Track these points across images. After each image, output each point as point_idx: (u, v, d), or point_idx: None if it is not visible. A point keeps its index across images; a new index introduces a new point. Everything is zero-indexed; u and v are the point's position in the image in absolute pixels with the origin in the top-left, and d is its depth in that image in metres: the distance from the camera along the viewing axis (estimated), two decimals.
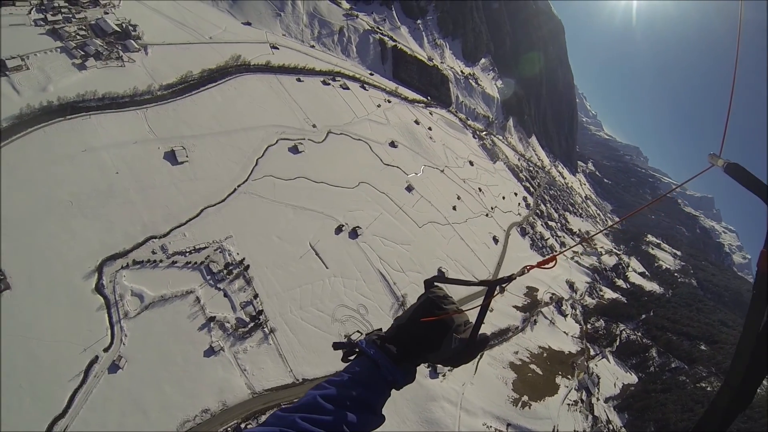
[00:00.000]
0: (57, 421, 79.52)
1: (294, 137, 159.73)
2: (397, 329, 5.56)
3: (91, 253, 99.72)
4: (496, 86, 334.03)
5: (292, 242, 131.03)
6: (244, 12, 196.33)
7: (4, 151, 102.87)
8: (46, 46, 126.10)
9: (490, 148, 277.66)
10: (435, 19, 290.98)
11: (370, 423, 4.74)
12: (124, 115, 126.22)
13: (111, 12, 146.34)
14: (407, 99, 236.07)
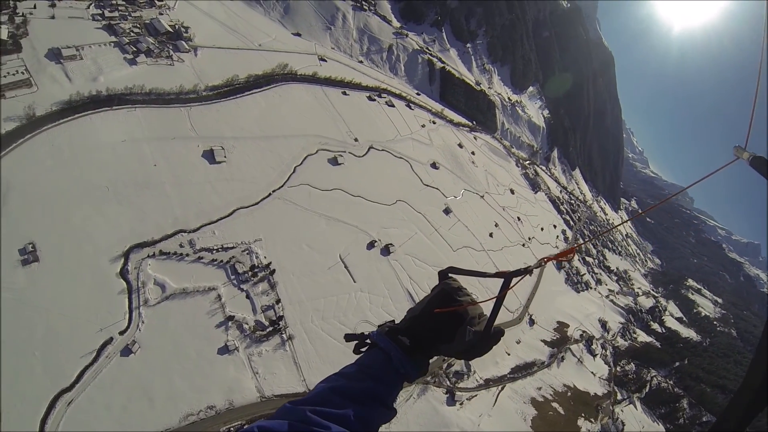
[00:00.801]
0: (63, 394, 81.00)
1: (335, 149, 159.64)
2: (410, 320, 5.37)
3: (121, 239, 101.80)
4: (542, 115, 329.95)
5: (321, 252, 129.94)
6: (295, 23, 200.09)
7: (52, 131, 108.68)
8: (101, 39, 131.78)
9: (533, 178, 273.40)
10: (485, 44, 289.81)
11: (381, 416, 4.61)
12: (167, 111, 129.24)
13: (165, 13, 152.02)
14: (452, 122, 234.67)
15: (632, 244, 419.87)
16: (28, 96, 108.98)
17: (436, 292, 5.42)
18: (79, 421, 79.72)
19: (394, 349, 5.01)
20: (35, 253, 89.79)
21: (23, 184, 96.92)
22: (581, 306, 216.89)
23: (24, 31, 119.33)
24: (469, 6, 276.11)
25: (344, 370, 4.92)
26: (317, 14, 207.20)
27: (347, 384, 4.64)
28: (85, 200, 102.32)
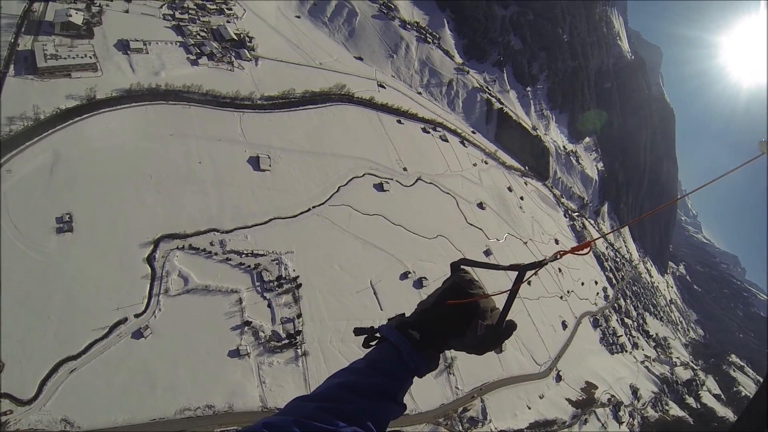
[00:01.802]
0: (68, 361, 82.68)
1: (382, 175, 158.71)
2: (420, 314, 5.20)
3: (154, 226, 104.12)
4: (596, 167, 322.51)
5: (353, 275, 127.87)
6: (358, 47, 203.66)
7: (108, 115, 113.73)
8: (168, 38, 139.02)
9: (580, 231, 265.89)
10: (545, 89, 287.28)
11: (390, 412, 4.59)
12: (220, 113, 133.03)
13: (233, 22, 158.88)
14: (505, 164, 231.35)
15: (675, 310, 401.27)
16: (92, 79, 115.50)
17: (447, 285, 5.20)
18: (78, 390, 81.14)
19: (404, 343, 4.84)
20: (71, 223, 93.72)
21: (72, 158, 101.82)
22: (613, 368, 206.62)
23: (98, 20, 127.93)
24: (532, 49, 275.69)
25: (353, 365, 4.82)
26: (381, 41, 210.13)
27: (356, 379, 4.53)
28: (127, 184, 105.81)
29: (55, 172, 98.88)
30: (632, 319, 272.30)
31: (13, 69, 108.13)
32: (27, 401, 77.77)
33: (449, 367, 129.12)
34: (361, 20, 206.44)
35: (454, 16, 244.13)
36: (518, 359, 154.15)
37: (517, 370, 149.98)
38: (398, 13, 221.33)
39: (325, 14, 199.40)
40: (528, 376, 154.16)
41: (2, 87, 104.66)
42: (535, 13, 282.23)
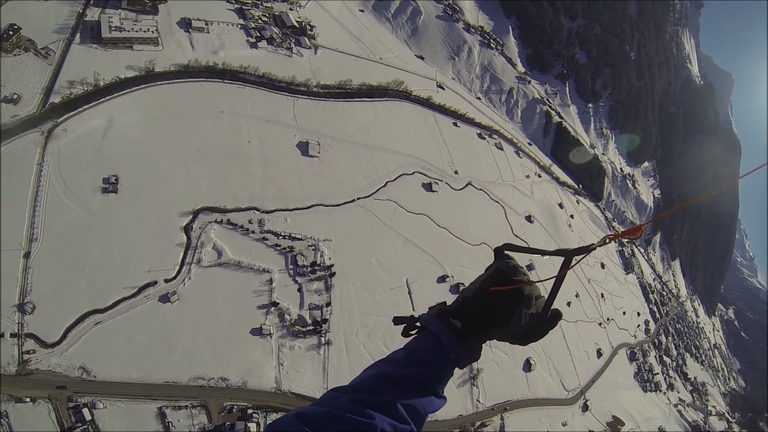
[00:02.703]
0: (95, 314, 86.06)
1: (432, 176, 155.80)
2: (462, 302, 4.99)
3: (195, 198, 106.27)
4: (653, 194, 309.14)
5: (389, 271, 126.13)
6: (420, 46, 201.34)
7: (164, 87, 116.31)
8: (230, 20, 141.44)
9: (628, 258, 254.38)
10: (607, 107, 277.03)
11: (429, 404, 4.39)
12: (274, 96, 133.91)
13: (296, 9, 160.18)
14: (558, 179, 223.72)
15: (718, 356, 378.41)
16: (152, 53, 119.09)
17: (491, 272, 4.97)
18: (100, 342, 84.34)
19: (445, 332, 4.64)
20: (116, 185, 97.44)
21: (126, 125, 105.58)
22: (644, 407, 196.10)
23: None
24: (597, 65, 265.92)
25: (392, 355, 4.68)
26: (444, 42, 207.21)
27: (394, 370, 4.39)
28: (175, 154, 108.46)
29: (107, 135, 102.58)
30: (671, 358, 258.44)
31: (80, 37, 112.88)
32: (50, 344, 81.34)
33: (473, 379, 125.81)
34: (425, 20, 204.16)
35: (519, 24, 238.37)
36: (546, 381, 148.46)
37: (543, 392, 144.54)
38: (463, 15, 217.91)
39: (389, 11, 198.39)
40: (554, 400, 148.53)
41: (68, 53, 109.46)
42: (602, 27, 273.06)
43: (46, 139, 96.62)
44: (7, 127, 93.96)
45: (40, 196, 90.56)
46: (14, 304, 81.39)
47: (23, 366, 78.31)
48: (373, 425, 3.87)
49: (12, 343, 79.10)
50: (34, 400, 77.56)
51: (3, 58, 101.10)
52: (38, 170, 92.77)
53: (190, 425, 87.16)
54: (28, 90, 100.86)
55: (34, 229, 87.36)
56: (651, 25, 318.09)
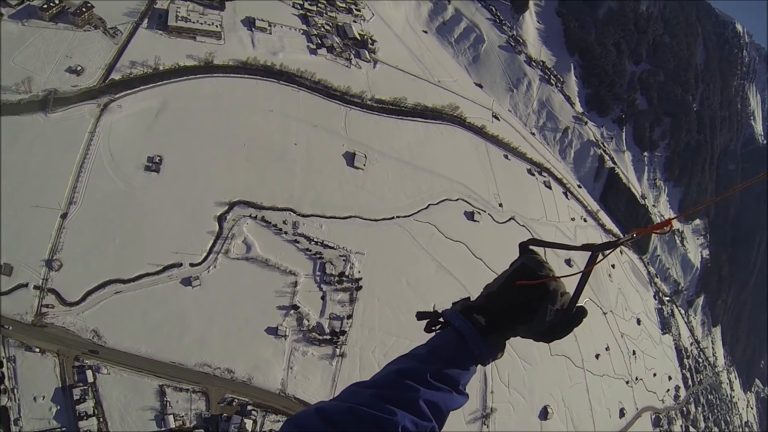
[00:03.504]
0: (117, 283, 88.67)
1: (476, 205, 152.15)
2: (486, 298, 4.89)
3: (233, 190, 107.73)
4: (701, 254, 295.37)
5: (418, 294, 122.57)
6: (480, 74, 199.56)
7: (220, 80, 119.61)
8: (293, 24, 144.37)
9: (666, 317, 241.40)
10: (663, 158, 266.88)
11: (451, 401, 4.28)
12: (327, 103, 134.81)
13: (359, 22, 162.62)
14: (604, 226, 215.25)
15: None
16: (213, 46, 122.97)
17: (516, 267, 4.81)
18: (116, 310, 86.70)
19: (469, 328, 4.53)
20: (159, 165, 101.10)
21: (177, 110, 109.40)
22: None
23: None
24: (657, 113, 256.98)
25: (414, 351, 4.55)
26: (504, 73, 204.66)
27: (417, 366, 4.26)
28: (221, 145, 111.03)
29: (159, 117, 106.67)
30: (698, 431, 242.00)
31: (147, 22, 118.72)
32: (69, 303, 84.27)
33: (485, 418, 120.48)
34: (487, 48, 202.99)
35: (582, 63, 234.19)
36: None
37: None
38: (526, 48, 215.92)
39: (453, 35, 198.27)
40: None
41: (134, 35, 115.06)
42: (666, 74, 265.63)
43: (101, 112, 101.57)
44: (67, 95, 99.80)
45: (87, 164, 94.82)
46: (43, 259, 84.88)
47: (39, 318, 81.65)
48: (395, 422, 3.71)
49: (33, 295, 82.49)
50: (43, 352, 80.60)
51: (74, 32, 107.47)
52: (89, 139, 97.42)
53: (188, 409, 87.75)
54: (91, 64, 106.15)
55: (75, 192, 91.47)
56: (717, 77, 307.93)
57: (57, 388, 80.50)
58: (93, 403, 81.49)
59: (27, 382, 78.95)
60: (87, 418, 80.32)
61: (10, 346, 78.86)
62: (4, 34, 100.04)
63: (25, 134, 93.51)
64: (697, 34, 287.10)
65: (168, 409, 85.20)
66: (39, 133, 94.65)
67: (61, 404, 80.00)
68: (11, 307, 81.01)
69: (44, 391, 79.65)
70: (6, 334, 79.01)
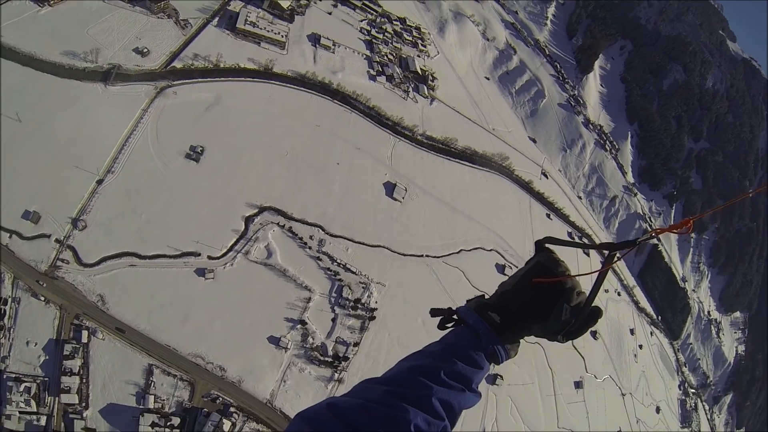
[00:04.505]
0: (133, 256, 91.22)
1: (509, 259, 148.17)
2: (501, 296, 4.81)
3: (267, 195, 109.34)
4: (736, 350, 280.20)
5: (431, 337, 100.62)
6: (536, 129, 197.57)
7: (275, 87, 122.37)
8: (357, 48, 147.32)
9: (688, 411, 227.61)
10: (711, 242, 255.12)
11: (464, 400, 4.18)
12: (377, 131, 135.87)
13: (423, 58, 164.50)
14: (638, 303, 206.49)
15: None
16: (275, 54, 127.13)
17: (532, 265, 4.75)
18: (126, 282, 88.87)
19: (483, 326, 4.46)
20: (200, 156, 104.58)
21: (229, 107, 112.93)
22: None
23: (302, 11, 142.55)
24: (711, 195, 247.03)
25: (427, 348, 4.46)
26: (560, 131, 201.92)
27: (430, 363, 4.18)
28: (264, 149, 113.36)
29: (210, 110, 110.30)
30: None
31: (217, 21, 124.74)
32: (84, 264, 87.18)
33: None
34: (547, 104, 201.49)
35: (640, 133, 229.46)
36: None
37: None
38: (585, 109, 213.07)
39: (514, 86, 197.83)
40: None
41: (203, 30, 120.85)
42: (725, 155, 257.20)
43: (156, 94, 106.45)
44: (129, 72, 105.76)
45: (132, 139, 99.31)
46: (70, 217, 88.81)
47: (52, 269, 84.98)
48: (407, 419, 3.63)
49: (52, 247, 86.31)
50: (47, 302, 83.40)
51: (148, 17, 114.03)
52: (140, 116, 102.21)
53: (171, 394, 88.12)
54: (157, 49, 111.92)
55: (115, 163, 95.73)
56: None
57: (51, 339, 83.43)
58: (80, 362, 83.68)
59: (24, 326, 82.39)
60: (71, 375, 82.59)
61: (19, 288, 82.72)
62: (85, 6, 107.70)
63: (82, 99, 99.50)
64: (762, 117, 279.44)
65: (151, 389, 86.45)
66: (95, 101, 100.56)
67: (50, 355, 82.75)
68: (29, 253, 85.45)
69: (38, 338, 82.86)
70: (17, 276, 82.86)
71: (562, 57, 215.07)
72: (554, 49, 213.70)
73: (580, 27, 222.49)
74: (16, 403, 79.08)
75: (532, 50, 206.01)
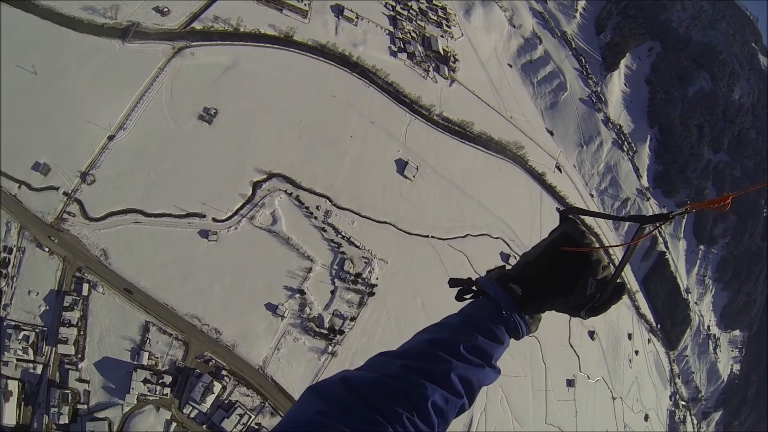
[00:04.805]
0: (139, 213, 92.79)
1: (515, 249, 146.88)
2: (523, 267, 4.58)
3: (277, 162, 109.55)
4: (731, 368, 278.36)
5: (429, 318, 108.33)
6: (554, 121, 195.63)
7: (294, 56, 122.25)
8: (380, 22, 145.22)
9: (676, 423, 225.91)
10: (718, 257, 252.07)
11: (484, 376, 4.04)
12: (394, 107, 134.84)
13: (447, 38, 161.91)
14: (638, 309, 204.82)
15: None
16: (297, 22, 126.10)
17: (556, 235, 4.53)
18: (130, 238, 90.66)
19: (505, 298, 4.25)
20: (213, 118, 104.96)
21: (246, 72, 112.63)
22: None
23: None
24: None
25: (446, 320, 4.25)
26: (578, 127, 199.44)
27: (449, 336, 3.99)
28: (278, 116, 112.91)
29: (226, 73, 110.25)
30: None
31: None
32: (89, 218, 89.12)
33: None
34: (567, 98, 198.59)
35: (659, 137, 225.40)
36: None
37: None
38: (606, 107, 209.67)
39: (536, 76, 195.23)
40: None
41: None
42: (744, 171, 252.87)
43: (173, 54, 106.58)
44: (147, 31, 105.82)
45: (146, 97, 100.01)
46: (80, 171, 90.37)
47: (58, 221, 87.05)
48: (424, 395, 3.50)
49: (60, 200, 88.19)
50: (51, 253, 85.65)
51: None
52: (156, 75, 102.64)
53: (165, 352, 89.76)
54: (178, 9, 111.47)
55: (128, 120, 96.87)
56: None
57: (52, 290, 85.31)
58: (79, 315, 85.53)
59: (27, 276, 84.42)
60: (69, 327, 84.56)
61: (24, 238, 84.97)
62: None
63: (99, 55, 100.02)
64: None
65: (146, 346, 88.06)
66: (112, 58, 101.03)
67: (50, 306, 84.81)
68: (37, 204, 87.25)
69: (40, 288, 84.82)
70: (24, 227, 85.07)
71: (588, 52, 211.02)
72: (581, 43, 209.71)
73: (610, 23, 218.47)
74: (14, 350, 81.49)
75: (558, 42, 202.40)
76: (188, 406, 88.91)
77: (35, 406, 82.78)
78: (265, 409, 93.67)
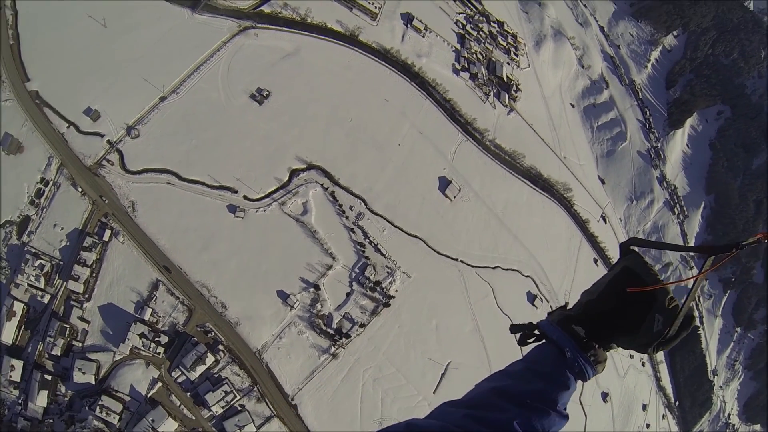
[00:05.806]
0: (173, 175, 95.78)
1: (543, 291, 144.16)
2: (585, 306, 4.62)
3: (318, 154, 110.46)
4: None
5: (441, 342, 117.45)
6: (608, 170, 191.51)
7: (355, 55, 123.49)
8: (448, 38, 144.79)
9: None
10: (753, 342, 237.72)
11: (549, 423, 4.01)
12: (447, 124, 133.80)
13: (513, 66, 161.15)
14: (659, 381, 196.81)
15: None
16: (365, 23, 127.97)
17: (617, 271, 4.54)
18: (159, 198, 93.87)
19: (568, 342, 4.33)
20: (264, 99, 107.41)
21: (305, 61, 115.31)
22: None
23: None
24: None
25: (510, 367, 4.36)
26: (632, 180, 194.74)
27: (513, 384, 4.10)
28: (328, 110, 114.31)
29: (286, 59, 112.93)
30: None
31: None
32: (126, 169, 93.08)
33: None
34: (626, 148, 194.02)
35: (714, 206, 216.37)
36: None
37: None
38: (664, 165, 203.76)
39: (597, 120, 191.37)
40: None
41: None
42: None
43: (238, 31, 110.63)
44: (217, 6, 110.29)
45: (204, 68, 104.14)
46: (127, 123, 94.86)
47: (97, 166, 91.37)
48: None
49: (102, 146, 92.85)
50: (84, 194, 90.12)
51: None
52: (217, 48, 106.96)
53: (168, 314, 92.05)
54: None
55: (182, 85, 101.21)
56: None
57: (76, 228, 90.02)
58: (96, 257, 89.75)
59: (57, 210, 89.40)
60: (83, 266, 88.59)
61: (62, 175, 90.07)
62: None
63: (167, 20, 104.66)
64: None
65: (152, 303, 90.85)
66: (179, 25, 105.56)
67: (71, 243, 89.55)
68: (80, 146, 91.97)
69: (65, 224, 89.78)
70: (64, 164, 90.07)
71: (654, 105, 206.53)
72: (648, 95, 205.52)
73: (682, 80, 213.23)
74: (28, 275, 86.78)
75: (625, 89, 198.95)
76: (177, 370, 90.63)
77: (34, 331, 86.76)
78: (252, 393, 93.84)
